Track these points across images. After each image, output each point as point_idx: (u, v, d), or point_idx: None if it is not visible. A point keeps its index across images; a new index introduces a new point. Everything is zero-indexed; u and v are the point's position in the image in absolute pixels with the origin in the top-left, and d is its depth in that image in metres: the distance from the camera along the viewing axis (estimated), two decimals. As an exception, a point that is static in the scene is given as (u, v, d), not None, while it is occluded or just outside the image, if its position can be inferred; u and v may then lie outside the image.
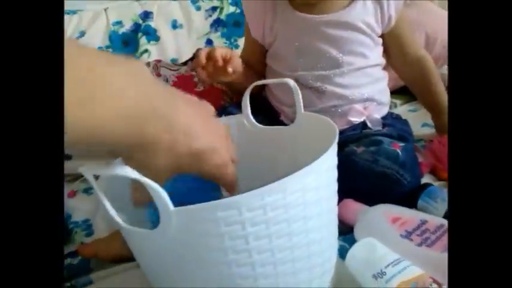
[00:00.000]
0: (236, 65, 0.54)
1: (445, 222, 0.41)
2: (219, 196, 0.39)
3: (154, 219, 0.35)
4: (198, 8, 0.90)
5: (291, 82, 0.43)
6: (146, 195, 0.27)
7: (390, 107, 0.65)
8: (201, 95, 0.71)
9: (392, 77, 0.67)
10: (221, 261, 0.28)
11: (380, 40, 0.59)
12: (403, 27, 0.59)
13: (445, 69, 0.95)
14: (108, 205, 0.29)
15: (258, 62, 0.62)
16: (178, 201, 0.30)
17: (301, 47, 0.56)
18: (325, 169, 0.30)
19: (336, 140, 0.33)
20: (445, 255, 0.38)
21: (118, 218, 0.29)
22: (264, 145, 0.47)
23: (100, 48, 0.84)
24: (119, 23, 0.88)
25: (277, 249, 0.28)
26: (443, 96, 0.60)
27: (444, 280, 0.34)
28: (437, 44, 0.95)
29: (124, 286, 0.43)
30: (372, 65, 0.58)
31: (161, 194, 0.26)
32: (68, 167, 0.78)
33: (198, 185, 0.38)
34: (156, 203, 0.26)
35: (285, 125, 0.53)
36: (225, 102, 0.71)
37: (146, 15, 0.89)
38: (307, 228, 0.29)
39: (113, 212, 0.29)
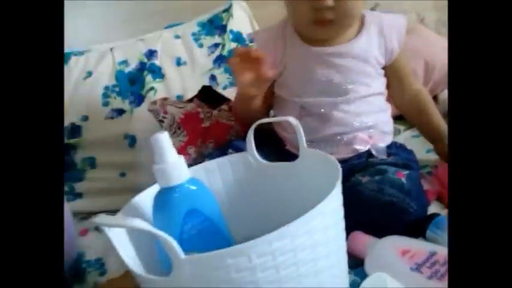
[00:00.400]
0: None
1: (443, 249, 0.41)
2: (228, 238, 0.40)
3: (164, 259, 0.35)
4: (201, 45, 0.93)
5: (293, 120, 0.44)
6: None
7: (394, 133, 0.66)
8: (207, 131, 0.74)
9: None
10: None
11: (382, 71, 0.61)
12: (403, 61, 0.62)
13: (444, 94, 0.97)
14: (123, 254, 0.30)
15: (266, 91, 0.63)
16: (188, 244, 0.31)
17: (309, 76, 0.58)
18: (330, 210, 0.31)
19: (340, 180, 0.34)
20: None
21: (133, 267, 0.30)
22: (270, 181, 0.48)
23: (107, 87, 0.87)
24: (125, 62, 0.91)
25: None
26: (442, 126, 0.61)
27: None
28: (436, 70, 0.97)
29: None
30: (375, 94, 0.59)
31: (172, 244, 0.27)
32: (80, 205, 0.80)
33: (207, 226, 0.39)
34: (167, 251, 0.27)
35: (291, 153, 0.55)
36: (231, 137, 0.72)
37: (151, 53, 0.92)
38: (317, 269, 0.30)
39: (128, 260, 0.30)
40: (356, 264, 0.46)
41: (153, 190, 0.42)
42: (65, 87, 0.86)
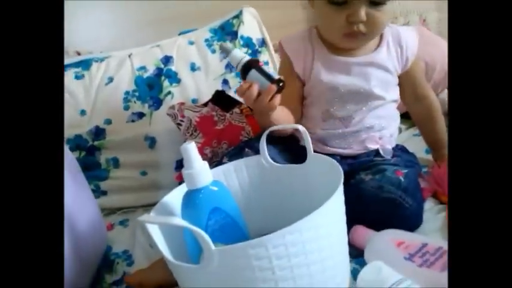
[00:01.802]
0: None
1: (443, 244, 0.47)
2: (245, 231, 0.46)
3: (192, 251, 0.42)
4: (213, 51, 0.97)
5: (301, 128, 0.50)
6: None
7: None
8: (221, 133, 0.80)
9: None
10: (252, 289, 0.35)
11: (397, 79, 0.66)
12: (417, 70, 0.67)
13: (444, 94, 1.01)
14: (162, 247, 0.36)
15: (294, 98, 0.65)
16: (212, 237, 0.37)
17: (334, 83, 0.63)
18: (333, 208, 0.37)
19: (341, 183, 0.40)
20: (444, 274, 0.43)
21: (171, 258, 0.36)
22: (281, 181, 0.54)
23: (127, 92, 0.93)
24: (143, 68, 0.96)
25: (298, 277, 0.35)
26: (444, 135, 0.68)
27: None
28: (437, 71, 1.02)
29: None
30: (391, 101, 0.65)
31: (204, 237, 0.33)
32: (104, 202, 0.87)
33: (228, 221, 0.45)
34: (200, 244, 0.34)
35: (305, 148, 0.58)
36: (243, 138, 0.78)
37: (167, 59, 0.97)
38: (322, 257, 0.36)
39: (167, 253, 0.36)
40: (357, 254, 0.51)
41: (179, 191, 0.48)
42: (87, 92, 0.92)
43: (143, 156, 0.86)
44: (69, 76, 0.94)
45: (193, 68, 0.96)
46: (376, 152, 0.64)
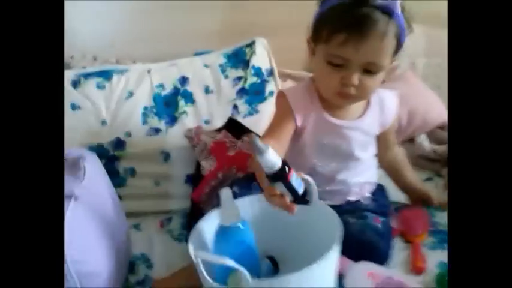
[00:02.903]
0: None
1: (402, 278, 0.63)
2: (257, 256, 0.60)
3: (218, 277, 0.54)
4: (226, 77, 1.07)
5: (310, 179, 0.63)
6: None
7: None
8: (233, 159, 0.92)
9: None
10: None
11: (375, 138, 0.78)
12: (392, 130, 0.79)
13: (420, 137, 1.17)
14: (206, 275, 0.49)
15: (286, 139, 0.69)
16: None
17: (322, 141, 0.71)
18: (329, 260, 0.52)
19: (339, 238, 0.54)
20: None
21: (207, 277, 0.49)
22: (288, 217, 0.67)
23: (146, 107, 1.02)
24: (161, 86, 1.05)
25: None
26: (414, 182, 0.81)
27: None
28: (417, 118, 1.16)
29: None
30: (370, 157, 0.77)
31: (246, 275, 0.46)
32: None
33: (247, 251, 0.59)
34: (241, 278, 0.47)
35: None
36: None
37: (184, 80, 1.07)
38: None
39: (209, 279, 0.49)
40: (340, 277, 0.66)
41: (209, 221, 0.61)
42: (108, 103, 1.00)
43: (157, 168, 0.96)
44: (91, 85, 1.02)
45: (207, 90, 1.06)
46: (356, 200, 0.76)
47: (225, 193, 0.56)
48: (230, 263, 0.46)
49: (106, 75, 1.04)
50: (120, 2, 1.13)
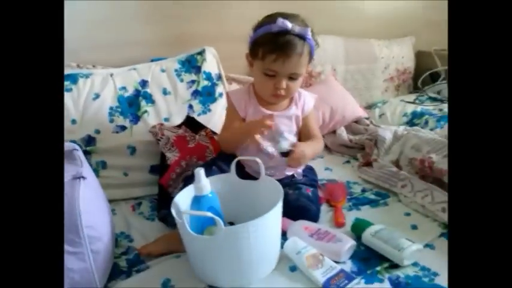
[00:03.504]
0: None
1: (328, 229, 0.87)
2: (224, 221, 0.80)
3: (194, 228, 0.73)
4: (181, 80, 1.23)
5: (259, 161, 0.85)
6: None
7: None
8: (193, 150, 1.10)
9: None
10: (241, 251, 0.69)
11: (297, 127, 1.02)
12: (311, 118, 1.04)
13: (341, 129, 1.45)
14: (188, 228, 0.67)
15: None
16: (208, 223, 0.70)
17: None
18: (275, 212, 0.73)
19: (282, 198, 0.76)
20: (328, 244, 0.83)
21: (191, 231, 0.68)
22: (243, 191, 0.88)
23: (111, 107, 1.14)
24: (124, 88, 1.17)
25: (260, 242, 0.70)
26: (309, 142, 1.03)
27: (326, 255, 0.79)
28: (337, 114, 1.45)
29: (172, 268, 0.80)
30: (296, 139, 1.02)
31: (220, 222, 0.65)
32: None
33: (216, 214, 0.78)
34: (217, 225, 0.66)
35: (249, 173, 0.96)
36: (208, 154, 1.09)
37: (144, 83, 1.20)
38: (270, 234, 0.72)
39: (188, 227, 0.68)
40: (283, 233, 0.89)
41: (183, 195, 0.79)
42: (76, 104, 1.11)
43: (125, 160, 1.09)
44: (57, 88, 1.12)
45: (165, 92, 1.21)
46: (292, 175, 1.00)
47: (198, 171, 0.74)
48: (209, 214, 0.65)
49: (72, 79, 1.14)
50: (81, 13, 1.22)
